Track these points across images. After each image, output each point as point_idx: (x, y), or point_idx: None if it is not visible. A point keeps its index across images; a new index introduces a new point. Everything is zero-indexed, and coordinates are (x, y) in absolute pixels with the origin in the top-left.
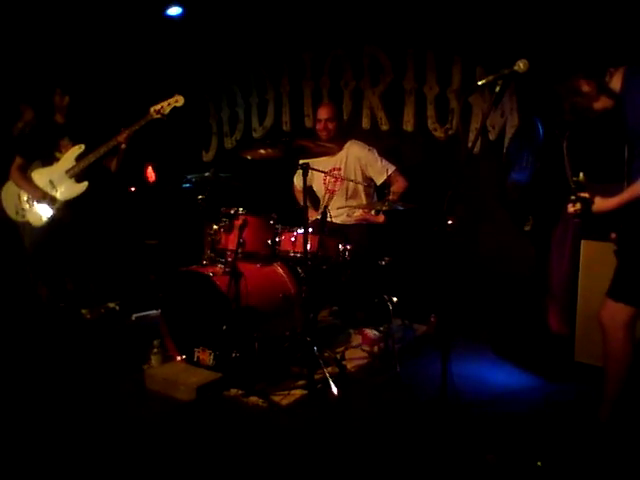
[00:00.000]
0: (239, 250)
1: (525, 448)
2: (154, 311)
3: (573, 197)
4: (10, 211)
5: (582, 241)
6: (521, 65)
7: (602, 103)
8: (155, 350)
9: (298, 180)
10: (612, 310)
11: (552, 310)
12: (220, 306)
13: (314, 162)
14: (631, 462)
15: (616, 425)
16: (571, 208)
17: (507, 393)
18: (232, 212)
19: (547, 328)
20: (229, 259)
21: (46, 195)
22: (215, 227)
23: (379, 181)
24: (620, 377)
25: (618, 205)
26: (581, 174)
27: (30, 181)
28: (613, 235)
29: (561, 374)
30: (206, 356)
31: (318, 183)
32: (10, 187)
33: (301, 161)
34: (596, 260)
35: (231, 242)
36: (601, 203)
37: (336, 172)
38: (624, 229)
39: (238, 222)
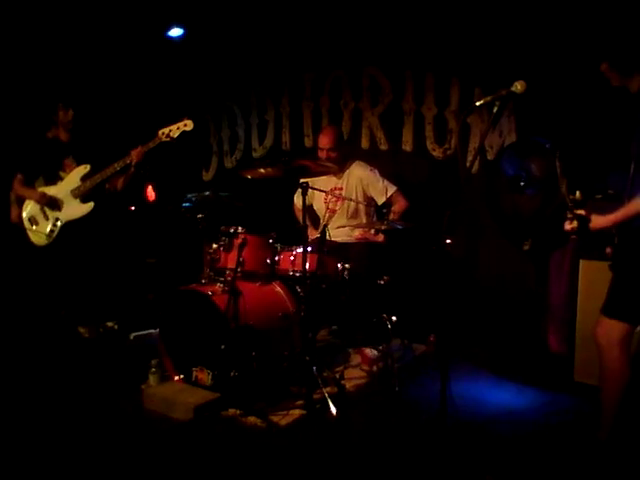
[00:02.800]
0: (238, 269)
1: (524, 469)
2: (153, 330)
3: (570, 215)
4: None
5: (581, 261)
6: (518, 86)
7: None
8: (153, 370)
9: (298, 199)
10: (607, 327)
11: (551, 330)
12: (219, 325)
13: (315, 181)
14: None
15: (615, 444)
16: (568, 226)
17: (506, 413)
18: (232, 231)
19: (546, 348)
20: (228, 278)
21: (52, 199)
22: (214, 246)
23: (380, 201)
24: (617, 395)
25: (615, 222)
26: (577, 192)
27: (34, 188)
28: (608, 250)
29: (561, 394)
30: (204, 376)
31: (319, 202)
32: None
33: (301, 180)
34: (595, 280)
35: (230, 261)
36: (598, 220)
37: (337, 191)
38: (619, 244)
39: (238, 241)
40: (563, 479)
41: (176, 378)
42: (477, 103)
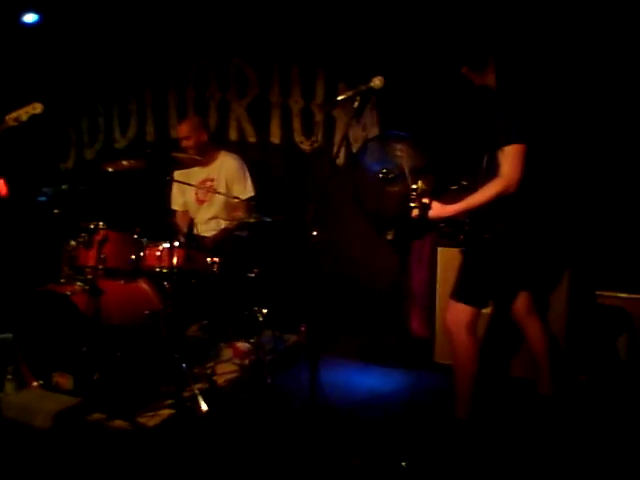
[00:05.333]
0: (99, 267)
1: (391, 449)
2: (7, 334)
3: (413, 204)
4: None
5: (438, 248)
6: (377, 82)
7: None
8: (9, 377)
9: (174, 197)
10: (454, 311)
11: (413, 315)
12: (79, 327)
13: (187, 173)
14: (489, 457)
15: (475, 422)
16: (413, 214)
17: (374, 396)
18: (91, 227)
19: (409, 332)
20: (89, 276)
21: None
22: (73, 243)
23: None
24: (468, 375)
25: (455, 212)
26: (420, 182)
27: None
28: (460, 237)
29: (423, 375)
30: (65, 380)
31: (190, 194)
32: None
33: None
34: (451, 266)
35: (91, 258)
36: (438, 210)
37: (209, 183)
38: (468, 231)
39: (98, 237)
40: (426, 457)
41: (34, 384)
42: (339, 97)
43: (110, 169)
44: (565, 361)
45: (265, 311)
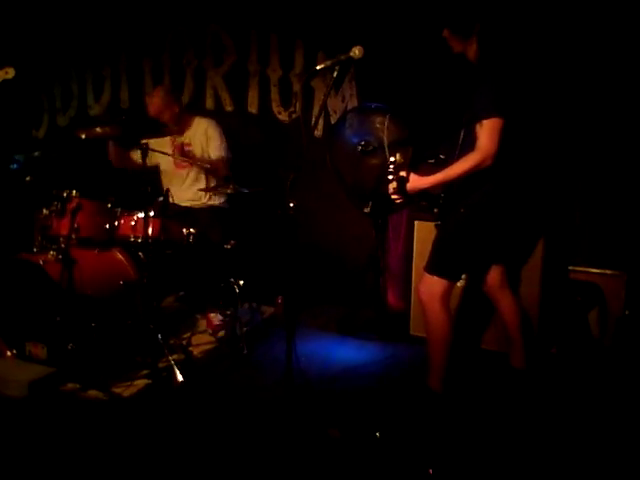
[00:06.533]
0: (73, 236)
1: (366, 420)
2: None
3: (390, 177)
4: None
5: (415, 222)
6: (356, 51)
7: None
8: None
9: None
10: (428, 284)
11: (390, 287)
12: (52, 296)
13: (162, 140)
14: (461, 428)
15: (449, 394)
16: (390, 187)
17: (350, 368)
18: (64, 195)
19: (386, 305)
20: (62, 246)
21: None
22: (45, 211)
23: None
24: (441, 346)
25: (431, 184)
26: (398, 154)
27: None
28: (436, 210)
29: (399, 347)
30: (39, 350)
31: (166, 161)
32: None
33: (142, 140)
34: (428, 239)
35: (64, 227)
36: (415, 182)
37: (186, 148)
38: (442, 204)
39: (71, 205)
40: (400, 428)
41: (8, 354)
42: (317, 67)
43: (83, 136)
44: (537, 334)
45: (242, 283)
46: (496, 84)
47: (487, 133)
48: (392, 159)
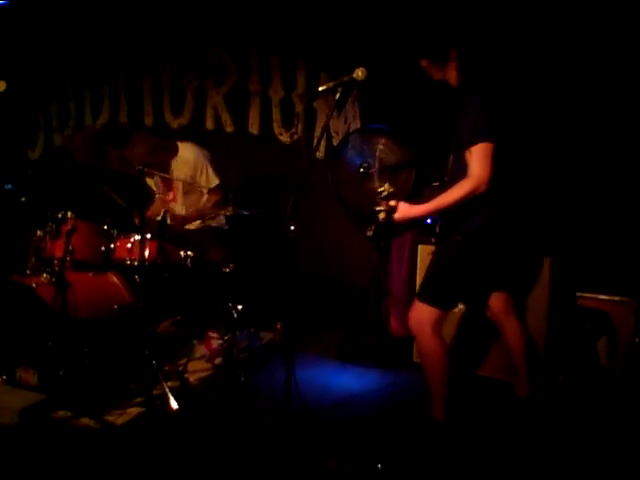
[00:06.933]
0: (67, 258)
1: (366, 451)
2: None
3: (379, 207)
4: None
5: (419, 245)
6: (359, 73)
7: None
8: None
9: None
10: (418, 311)
11: (392, 313)
12: (45, 320)
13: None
14: (466, 459)
15: (453, 424)
16: (379, 216)
17: (350, 397)
18: (59, 216)
19: (388, 331)
20: (56, 268)
21: None
22: (40, 233)
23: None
24: (438, 376)
25: (423, 214)
26: (386, 184)
27: None
28: (433, 239)
29: (402, 375)
30: (30, 376)
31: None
32: None
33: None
34: None
35: (58, 249)
36: (405, 211)
37: (170, 180)
38: (439, 233)
39: (66, 227)
40: (402, 460)
41: None
42: (320, 88)
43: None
44: (543, 362)
45: (240, 307)
46: (481, 105)
47: (477, 159)
48: (380, 189)
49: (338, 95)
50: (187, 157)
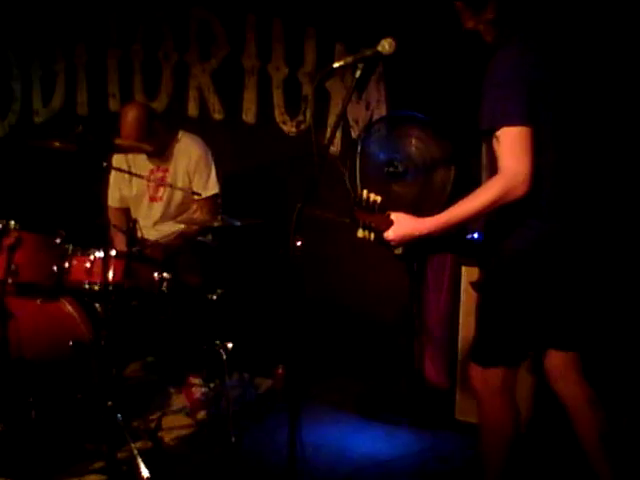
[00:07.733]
0: (9, 280)
1: None
2: None
3: (360, 224)
4: None
5: (463, 267)
6: (386, 45)
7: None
8: None
9: (113, 193)
10: (483, 374)
11: (429, 356)
12: None
13: (134, 159)
14: None
15: None
16: (358, 233)
17: (373, 464)
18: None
19: (422, 379)
20: None
21: None
22: None
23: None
24: (499, 448)
25: (431, 230)
26: (365, 191)
27: None
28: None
29: (440, 436)
30: None
31: (139, 186)
32: None
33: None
34: None
35: None
36: (404, 228)
37: (160, 174)
38: (488, 270)
39: (8, 240)
40: None
41: None
42: (335, 64)
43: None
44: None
45: (230, 346)
46: (517, 75)
47: (507, 149)
48: (357, 198)
49: (358, 73)
50: (191, 150)
